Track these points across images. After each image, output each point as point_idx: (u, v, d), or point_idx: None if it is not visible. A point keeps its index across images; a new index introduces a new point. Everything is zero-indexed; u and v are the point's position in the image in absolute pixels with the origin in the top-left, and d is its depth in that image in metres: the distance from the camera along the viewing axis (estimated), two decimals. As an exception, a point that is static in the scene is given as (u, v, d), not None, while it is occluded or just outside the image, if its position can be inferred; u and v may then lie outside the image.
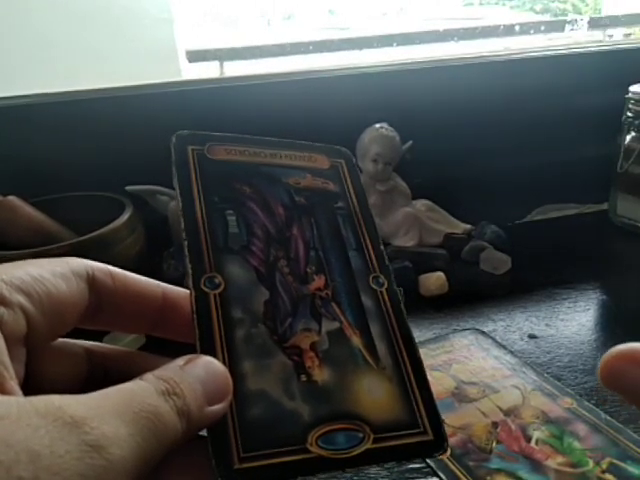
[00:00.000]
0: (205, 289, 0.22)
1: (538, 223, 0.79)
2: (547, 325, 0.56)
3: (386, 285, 0.25)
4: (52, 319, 0.19)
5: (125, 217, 0.57)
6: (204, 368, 0.19)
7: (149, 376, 0.18)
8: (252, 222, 0.25)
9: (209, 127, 0.28)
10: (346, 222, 0.27)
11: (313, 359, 0.22)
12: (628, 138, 0.72)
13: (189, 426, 0.18)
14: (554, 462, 0.39)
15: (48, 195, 0.63)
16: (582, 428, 0.41)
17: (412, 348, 0.24)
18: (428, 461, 0.39)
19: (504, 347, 0.52)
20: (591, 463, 0.38)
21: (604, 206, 0.79)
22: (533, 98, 0.79)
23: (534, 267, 0.66)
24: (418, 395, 0.22)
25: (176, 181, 0.24)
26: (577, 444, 0.40)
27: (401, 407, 0.22)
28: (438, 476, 0.38)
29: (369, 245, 0.26)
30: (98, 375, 0.23)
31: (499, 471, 0.38)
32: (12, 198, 0.57)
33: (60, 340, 0.22)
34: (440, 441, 0.22)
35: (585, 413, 0.43)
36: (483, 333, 0.54)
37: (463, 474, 0.38)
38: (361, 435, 0.21)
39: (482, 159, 0.78)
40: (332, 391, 0.21)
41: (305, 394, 0.21)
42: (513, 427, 0.42)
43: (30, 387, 0.19)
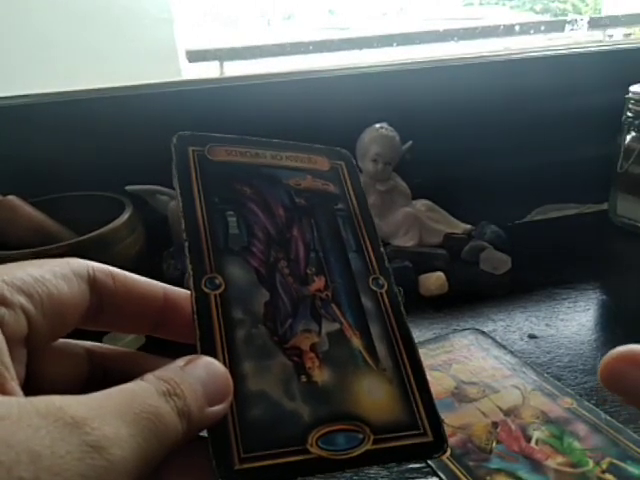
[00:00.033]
0: (206, 290, 0.22)
1: (538, 223, 0.79)
2: (547, 325, 0.56)
3: (386, 287, 0.25)
4: (53, 320, 0.19)
5: (125, 217, 0.57)
6: (205, 369, 0.19)
7: (150, 377, 0.18)
8: (252, 223, 0.25)
9: (209, 127, 0.28)
10: (346, 224, 0.27)
11: (313, 360, 0.22)
12: (628, 138, 0.72)
13: (190, 427, 0.18)
14: (554, 462, 0.39)
15: (48, 195, 0.63)
16: (582, 428, 0.41)
17: (412, 349, 0.24)
18: (428, 461, 0.39)
19: (504, 347, 0.52)
20: (591, 463, 0.38)
21: (604, 206, 0.79)
22: (533, 98, 0.79)
23: (534, 267, 0.66)
24: (418, 396, 0.23)
25: (177, 182, 0.24)
26: (577, 444, 0.40)
27: (401, 408, 0.22)
28: (438, 476, 0.38)
29: (369, 247, 0.26)
30: (99, 376, 0.23)
31: (499, 471, 0.38)
32: (12, 198, 0.57)
33: (61, 341, 0.22)
34: (440, 442, 0.22)
35: (585, 413, 0.43)
36: (483, 333, 0.54)
37: (463, 474, 0.38)
38: (361, 436, 0.21)
39: (482, 159, 0.78)
40: (332, 392, 0.21)
41: (305, 395, 0.21)
42: (513, 427, 0.42)
43: (31, 388, 0.19)
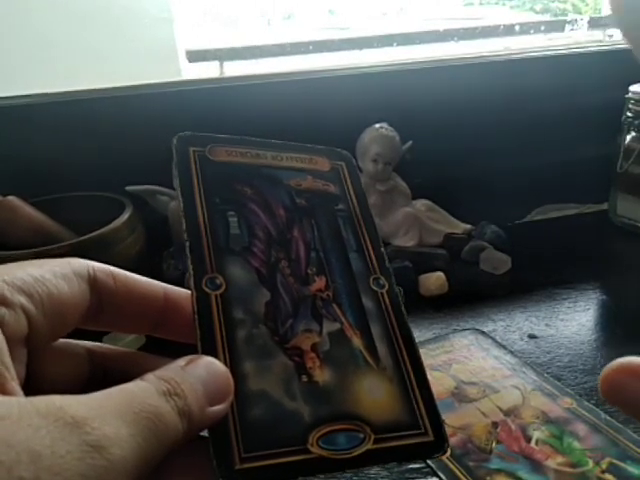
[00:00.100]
0: (206, 290, 0.22)
1: (538, 223, 0.79)
2: (547, 325, 0.56)
3: (386, 286, 0.25)
4: (53, 320, 0.19)
5: (125, 217, 0.57)
6: (205, 368, 0.19)
7: (150, 376, 0.18)
8: (253, 223, 0.25)
9: (209, 127, 0.28)
10: (346, 224, 0.27)
11: (314, 360, 0.22)
12: (628, 138, 0.72)
13: (190, 426, 0.18)
14: (554, 462, 0.39)
15: (48, 195, 0.63)
16: (582, 428, 0.41)
17: (412, 349, 0.24)
18: (428, 461, 0.39)
19: (504, 347, 0.52)
20: (591, 463, 0.38)
21: (604, 206, 0.79)
22: (533, 98, 0.79)
23: (534, 267, 0.66)
24: (419, 396, 0.23)
25: (177, 182, 0.24)
26: (577, 444, 0.40)
27: (402, 408, 0.22)
28: (438, 476, 0.38)
29: (369, 247, 0.26)
30: (99, 376, 0.23)
31: (499, 471, 0.38)
32: (12, 198, 0.57)
33: (61, 340, 0.22)
34: (440, 442, 0.22)
35: (585, 413, 0.43)
36: (483, 333, 0.54)
37: (463, 474, 0.38)
38: (362, 436, 0.21)
39: (482, 159, 0.78)
40: (333, 392, 0.21)
41: (306, 395, 0.21)
42: (513, 427, 0.42)
43: (31, 387, 0.19)
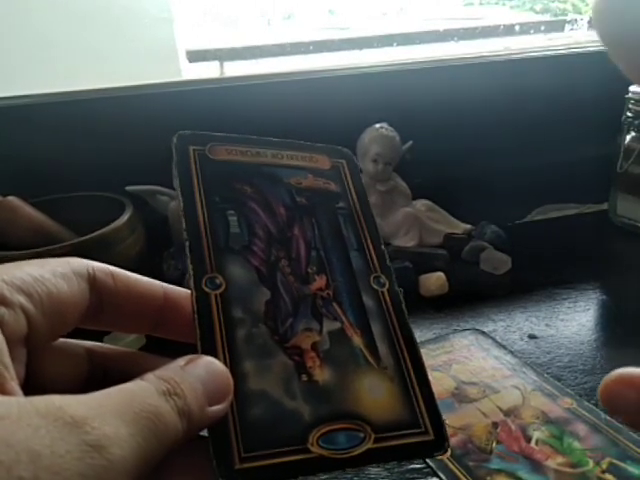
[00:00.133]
0: (206, 289, 0.22)
1: (538, 223, 0.79)
2: (547, 325, 0.56)
3: (387, 285, 0.25)
4: (53, 319, 0.19)
5: (125, 217, 0.57)
6: (205, 368, 0.19)
7: (150, 376, 0.18)
8: (253, 222, 0.25)
9: (209, 127, 0.28)
10: (347, 222, 0.27)
11: (314, 359, 0.22)
12: (628, 138, 0.72)
13: (190, 426, 0.18)
14: (554, 462, 0.39)
15: (48, 195, 0.63)
16: (582, 428, 0.41)
17: (413, 348, 0.24)
18: (428, 461, 0.39)
19: (504, 347, 0.52)
20: (591, 463, 0.38)
21: (604, 206, 0.79)
22: (533, 98, 0.79)
23: (534, 267, 0.66)
24: (419, 395, 0.23)
25: (177, 181, 0.24)
26: (577, 444, 0.40)
27: (402, 407, 0.22)
28: (438, 476, 0.38)
29: (370, 245, 0.26)
30: (98, 375, 0.23)
31: (499, 471, 0.38)
32: (12, 198, 0.57)
33: (61, 340, 0.22)
34: (441, 441, 0.22)
35: (585, 413, 0.43)
36: (483, 333, 0.54)
37: (463, 474, 0.38)
38: (362, 435, 0.21)
39: (482, 159, 0.77)
40: (333, 391, 0.21)
41: (306, 394, 0.21)
42: (513, 427, 0.42)
43: (31, 387, 0.18)
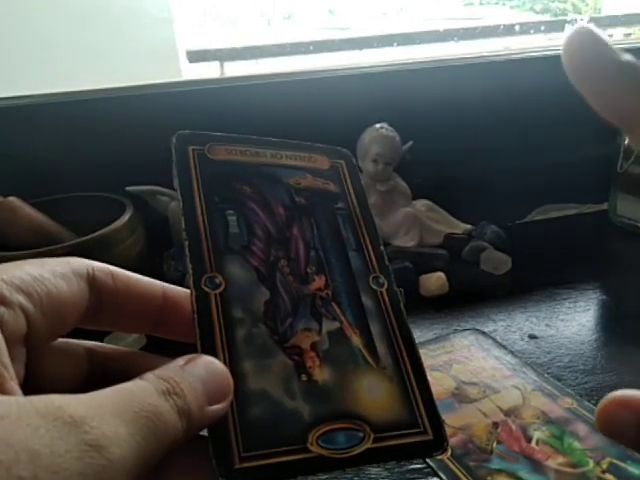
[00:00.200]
0: (206, 289, 0.22)
1: (538, 223, 0.79)
2: (547, 325, 0.56)
3: (386, 285, 0.25)
4: (52, 319, 0.19)
5: (126, 218, 0.57)
6: (205, 368, 0.19)
7: (149, 376, 0.18)
8: (253, 222, 0.25)
9: (210, 127, 0.28)
10: (346, 222, 0.27)
11: (313, 359, 0.22)
12: (628, 138, 0.72)
13: (189, 426, 0.18)
14: (554, 462, 0.39)
15: (48, 196, 0.63)
16: (582, 428, 0.41)
17: (412, 348, 0.24)
18: (428, 461, 0.39)
19: (504, 347, 0.52)
20: (591, 463, 0.38)
21: (604, 206, 0.79)
22: (533, 98, 0.79)
23: (534, 267, 0.66)
24: (418, 395, 0.23)
25: (177, 181, 0.24)
26: (577, 444, 0.40)
27: (401, 407, 0.22)
28: (439, 476, 0.38)
29: (369, 245, 0.26)
30: (98, 375, 0.23)
31: (500, 471, 0.38)
32: (12, 199, 0.57)
33: (60, 340, 0.22)
34: (440, 441, 0.22)
35: (585, 413, 0.43)
36: (483, 333, 0.54)
37: (463, 474, 0.38)
38: (361, 435, 0.21)
39: (482, 159, 0.77)
40: (332, 391, 0.21)
41: (305, 394, 0.21)
42: (513, 427, 0.42)
43: (30, 387, 0.19)
